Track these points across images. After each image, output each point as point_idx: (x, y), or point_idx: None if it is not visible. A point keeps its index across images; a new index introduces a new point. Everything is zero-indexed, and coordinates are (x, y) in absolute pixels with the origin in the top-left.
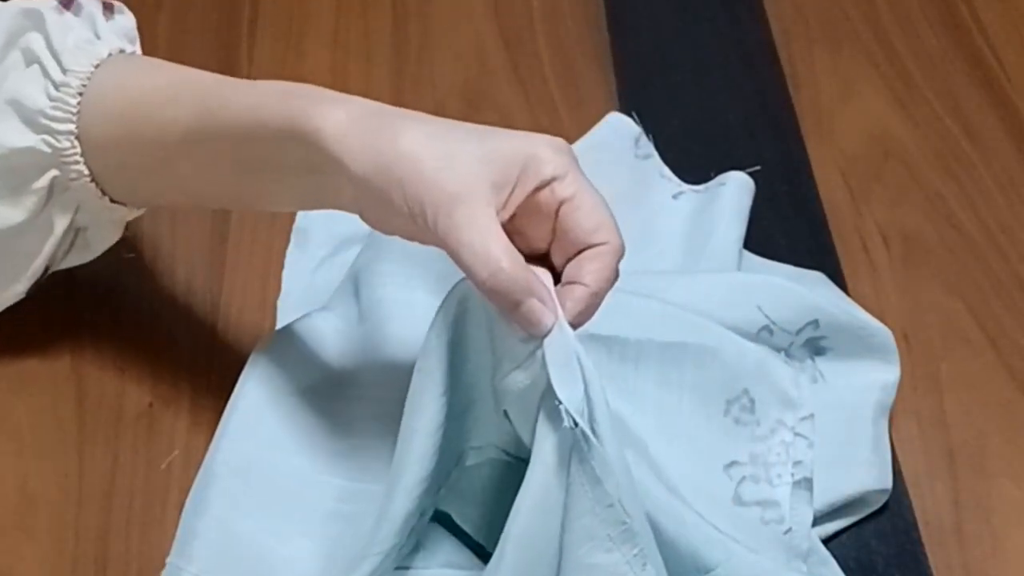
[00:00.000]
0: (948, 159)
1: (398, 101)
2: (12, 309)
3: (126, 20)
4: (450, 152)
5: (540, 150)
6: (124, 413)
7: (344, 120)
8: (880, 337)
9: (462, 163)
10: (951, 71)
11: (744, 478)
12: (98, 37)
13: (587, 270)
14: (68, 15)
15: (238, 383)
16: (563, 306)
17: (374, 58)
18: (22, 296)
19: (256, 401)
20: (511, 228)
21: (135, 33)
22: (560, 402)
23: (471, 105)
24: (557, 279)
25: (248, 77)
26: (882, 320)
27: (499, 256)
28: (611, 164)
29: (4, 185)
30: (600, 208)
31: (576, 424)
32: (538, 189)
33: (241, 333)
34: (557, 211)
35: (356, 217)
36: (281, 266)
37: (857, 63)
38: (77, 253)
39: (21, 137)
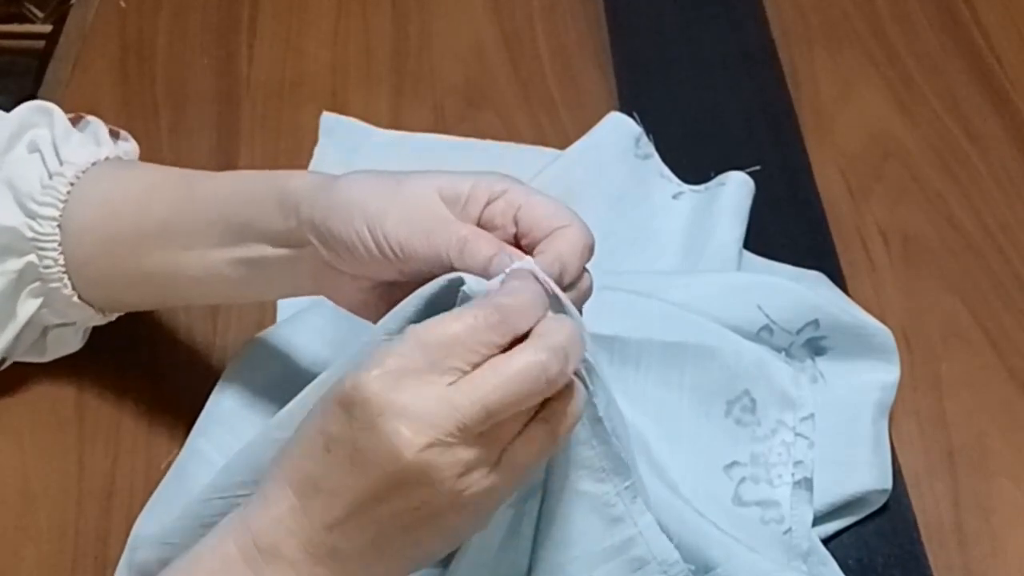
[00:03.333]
0: (948, 159)
1: (398, 101)
2: None
3: (129, 146)
4: (402, 183)
5: (485, 175)
6: (124, 413)
7: (311, 179)
8: (880, 337)
9: (410, 183)
10: (951, 71)
11: (744, 478)
12: (99, 144)
13: (552, 246)
14: (75, 130)
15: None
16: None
17: (374, 58)
18: None
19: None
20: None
21: (135, 157)
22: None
23: (471, 105)
24: None
25: (248, 78)
26: (882, 320)
27: (460, 229)
28: (611, 164)
29: None
30: (555, 203)
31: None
32: (490, 202)
33: (241, 333)
34: (515, 218)
35: None
36: None
37: (857, 63)
38: (32, 352)
39: (9, 216)
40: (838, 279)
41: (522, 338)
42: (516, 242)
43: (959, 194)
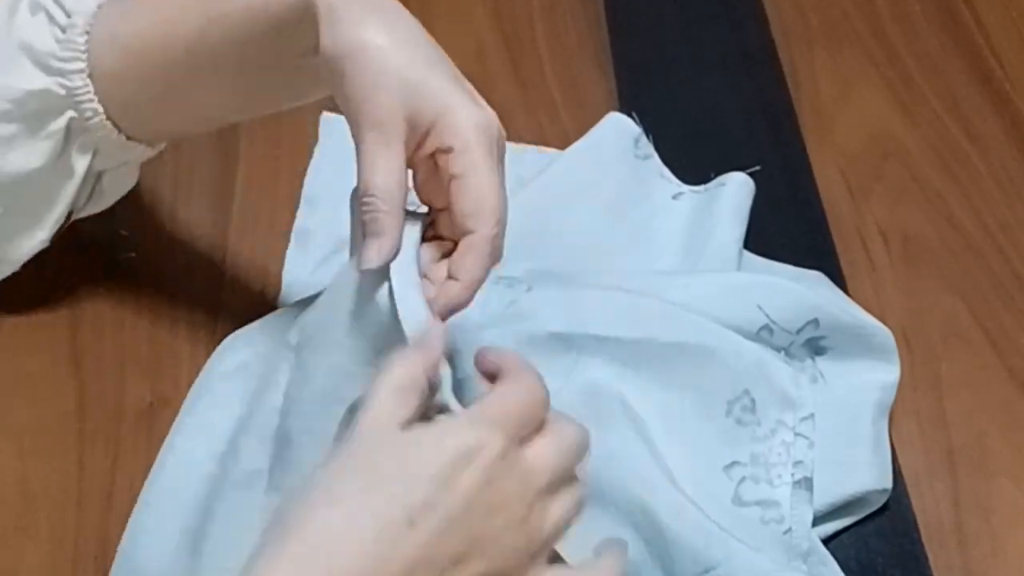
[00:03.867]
0: (948, 159)
1: None
2: (12, 308)
3: None
4: (386, 71)
5: (457, 115)
6: (124, 413)
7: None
8: (880, 337)
9: (390, 91)
10: (951, 71)
11: (744, 478)
12: None
13: (461, 266)
14: None
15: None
16: (438, 300)
17: None
18: (46, 244)
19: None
20: (419, 176)
21: None
22: None
23: None
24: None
25: None
26: (882, 320)
27: (379, 189)
28: (611, 164)
29: (22, 130)
30: (484, 194)
31: None
32: (438, 151)
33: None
34: (449, 183)
35: None
36: (281, 266)
37: (857, 63)
38: (94, 202)
39: (35, 80)
40: (838, 279)
41: None
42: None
43: (959, 194)
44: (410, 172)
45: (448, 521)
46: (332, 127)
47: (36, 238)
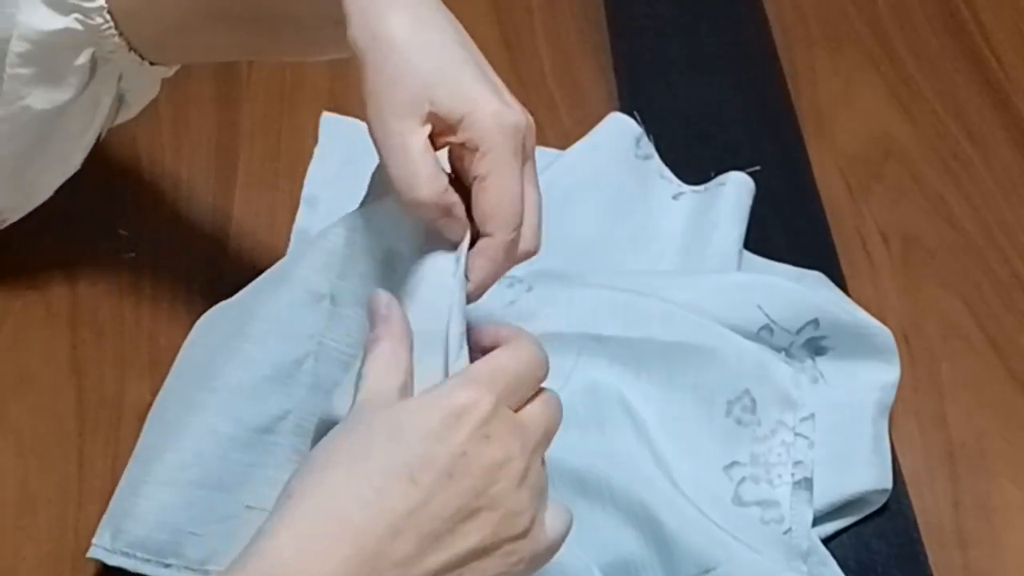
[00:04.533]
0: (948, 159)
1: None
2: (12, 308)
3: None
4: (409, 67)
5: (485, 113)
6: (124, 413)
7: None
8: (880, 337)
9: (416, 79)
10: (951, 71)
11: (744, 478)
12: None
13: (472, 266)
14: None
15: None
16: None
17: None
18: (77, 168)
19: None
20: (452, 156)
21: None
22: None
23: None
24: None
25: (247, 77)
26: (882, 320)
27: (420, 184)
28: (611, 164)
29: (46, 68)
30: (505, 199)
31: None
32: (465, 147)
33: None
34: (472, 182)
35: None
36: None
37: (857, 63)
38: (121, 115)
39: (52, 20)
40: (838, 279)
41: None
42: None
43: (959, 194)
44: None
45: (447, 475)
46: (332, 127)
47: (70, 164)
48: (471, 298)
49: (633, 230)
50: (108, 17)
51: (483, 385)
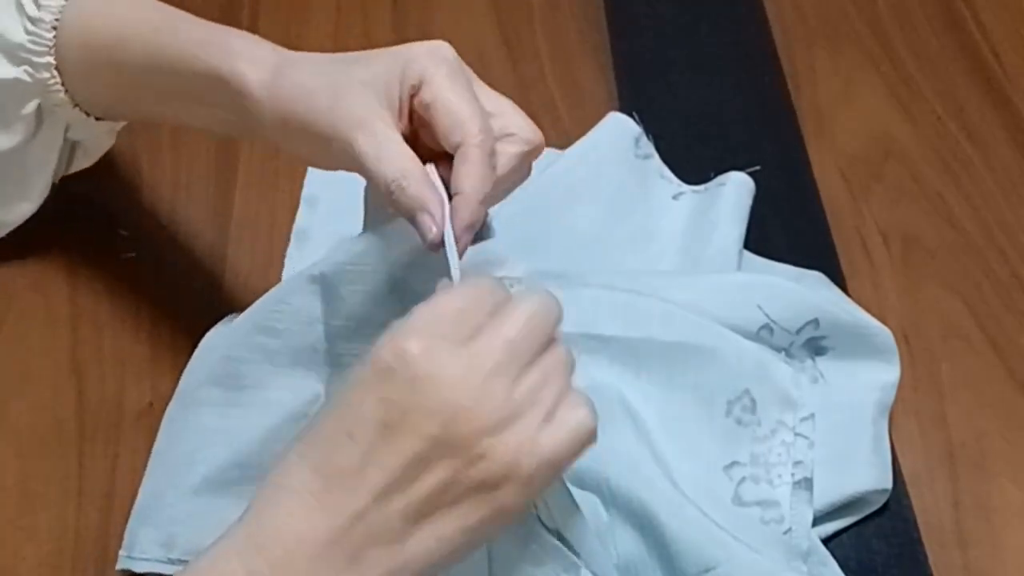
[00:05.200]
0: (948, 159)
1: None
2: (12, 308)
3: None
4: (337, 83)
5: (413, 57)
6: (124, 413)
7: (259, 76)
8: (880, 337)
9: (352, 92)
10: (951, 71)
11: (744, 478)
12: None
13: (460, 175)
14: None
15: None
16: (453, 222)
17: None
18: (33, 211)
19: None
20: (415, 136)
21: None
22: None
23: None
24: None
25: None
26: (882, 320)
27: (396, 175)
28: (611, 164)
29: None
30: (458, 107)
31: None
32: (412, 96)
33: None
34: (425, 114)
35: (356, 218)
36: (281, 266)
37: (857, 63)
38: (79, 160)
39: (3, 69)
40: (838, 279)
41: None
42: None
43: (959, 194)
44: None
45: (383, 426)
46: None
47: (22, 207)
48: (476, 216)
49: (633, 230)
50: (55, 73)
51: (412, 334)
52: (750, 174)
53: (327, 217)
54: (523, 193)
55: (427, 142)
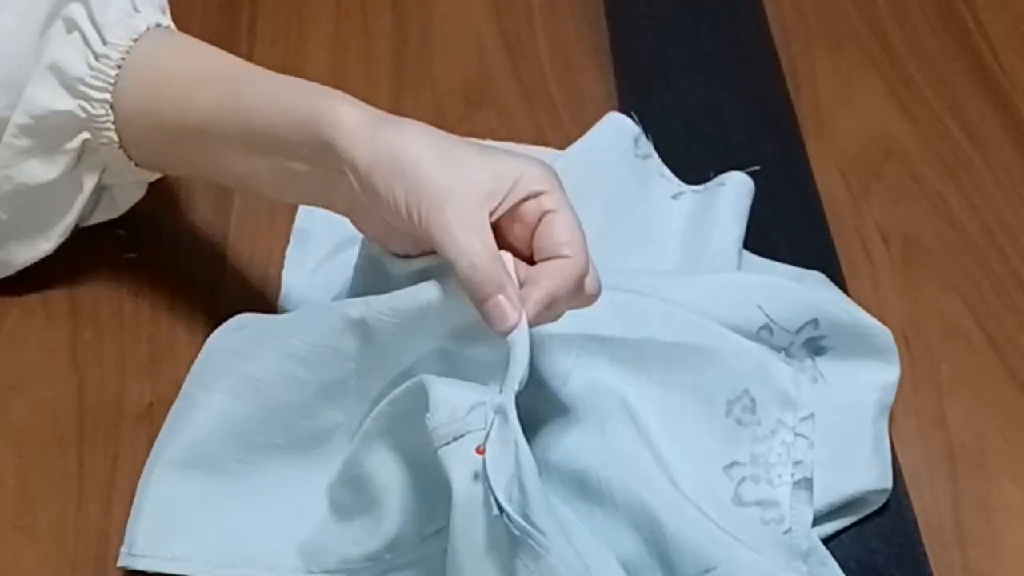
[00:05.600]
0: (948, 159)
1: (398, 101)
2: (12, 308)
3: None
4: (451, 155)
5: (532, 168)
6: (124, 413)
7: (360, 117)
8: (880, 337)
9: (462, 167)
10: (951, 71)
11: (744, 478)
12: (136, 10)
13: (546, 274)
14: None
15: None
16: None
17: (374, 58)
18: (49, 252)
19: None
20: (497, 234)
21: (166, 3)
22: (489, 486)
23: (471, 105)
24: None
25: None
26: (882, 320)
27: (480, 250)
28: (611, 164)
29: (39, 145)
30: (575, 228)
31: (501, 509)
32: (526, 199)
33: None
34: (538, 222)
35: None
36: (281, 266)
37: (857, 63)
38: (103, 210)
39: (60, 101)
40: (838, 279)
41: None
42: (528, 243)
43: (959, 194)
44: None
45: None
46: None
47: (40, 247)
48: (543, 315)
49: (632, 230)
50: (109, 110)
51: None
52: (750, 174)
53: (327, 217)
54: None
55: (514, 244)
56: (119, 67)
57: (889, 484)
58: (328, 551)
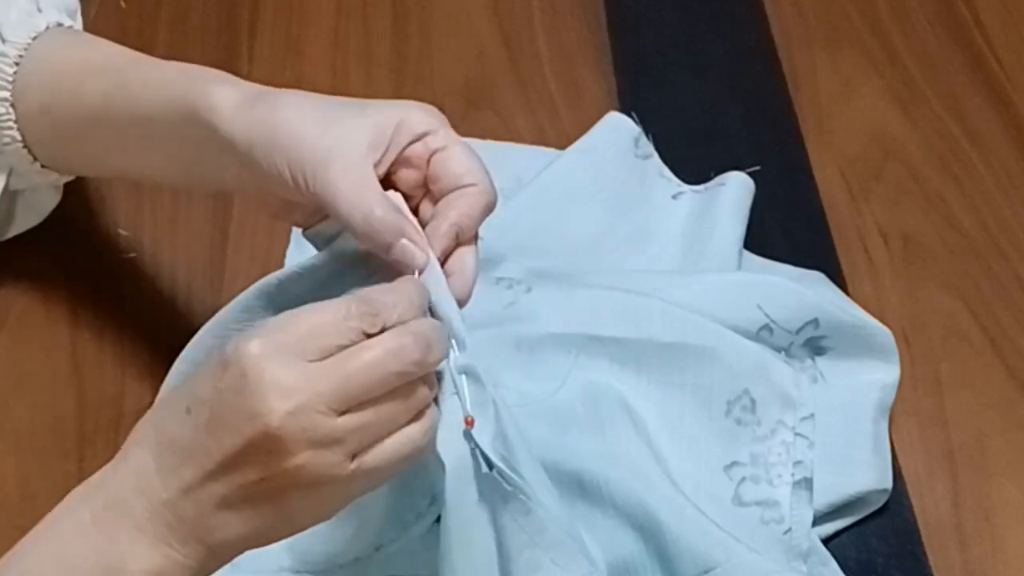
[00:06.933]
0: (948, 159)
1: None
2: (12, 308)
3: None
4: (327, 118)
5: (412, 112)
6: (124, 413)
7: (235, 97)
8: (880, 337)
9: (340, 126)
10: (951, 71)
11: (744, 478)
12: (39, 10)
13: (453, 207)
14: None
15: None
16: (431, 244)
17: (374, 58)
18: None
19: None
20: (387, 183)
21: (76, 6)
22: (476, 446)
23: (471, 105)
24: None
25: (248, 77)
26: (882, 320)
27: (371, 201)
28: (611, 164)
29: None
30: (471, 158)
31: (492, 466)
32: (411, 143)
33: None
34: (428, 161)
35: None
36: (281, 266)
37: (857, 63)
38: (23, 218)
39: None
40: (838, 279)
41: None
42: (424, 184)
43: (959, 194)
44: None
45: (212, 417)
46: None
47: None
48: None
49: (633, 230)
50: (10, 109)
51: (258, 335)
52: (750, 174)
53: None
54: (523, 193)
55: (405, 187)
56: (17, 64)
57: (889, 484)
58: (315, 550)
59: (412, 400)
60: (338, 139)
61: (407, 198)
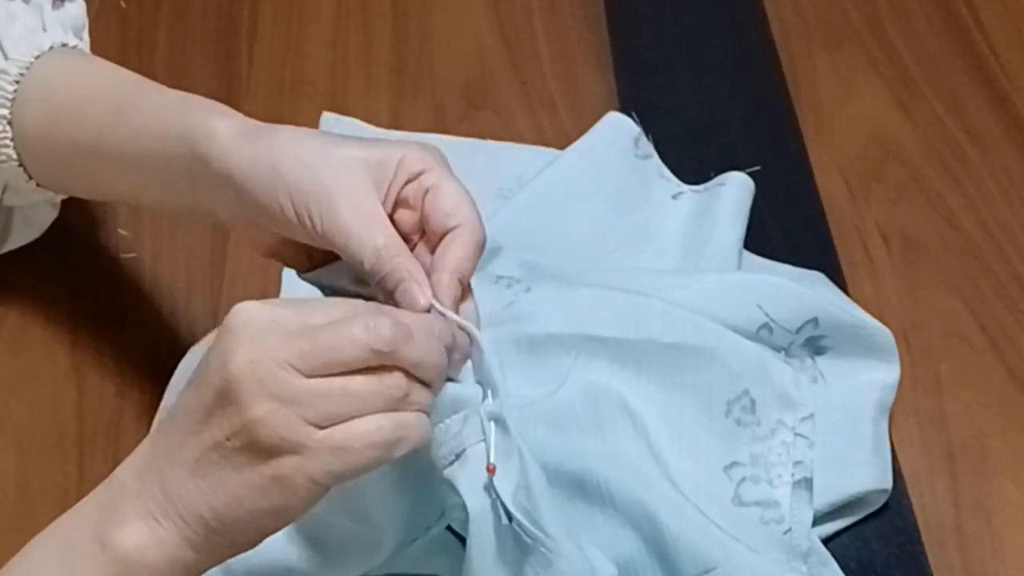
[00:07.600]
0: (948, 159)
1: (398, 101)
2: (12, 308)
3: (76, 9)
4: (330, 154)
5: (410, 151)
6: (124, 413)
7: (234, 128)
8: (880, 337)
9: (343, 163)
10: (951, 71)
11: (744, 479)
12: (44, 29)
13: (447, 255)
14: (18, 2)
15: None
16: (442, 301)
17: (374, 58)
18: None
19: None
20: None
21: (83, 22)
22: (497, 496)
23: (471, 105)
24: None
25: (248, 77)
26: (882, 320)
27: (384, 242)
28: (611, 164)
29: None
30: (459, 194)
31: (511, 518)
32: (408, 182)
33: None
34: (423, 200)
35: None
36: (281, 266)
37: (857, 63)
38: (20, 233)
39: None
40: (838, 279)
41: None
42: (421, 226)
43: (959, 194)
44: None
45: (195, 376)
46: (332, 127)
47: None
48: (457, 291)
49: (632, 230)
50: (7, 127)
51: (258, 302)
52: (750, 174)
53: None
54: (523, 193)
55: (404, 229)
56: (18, 83)
57: (889, 484)
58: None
59: (386, 385)
60: (343, 175)
61: (406, 240)
